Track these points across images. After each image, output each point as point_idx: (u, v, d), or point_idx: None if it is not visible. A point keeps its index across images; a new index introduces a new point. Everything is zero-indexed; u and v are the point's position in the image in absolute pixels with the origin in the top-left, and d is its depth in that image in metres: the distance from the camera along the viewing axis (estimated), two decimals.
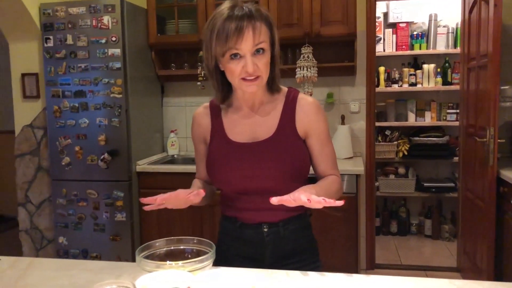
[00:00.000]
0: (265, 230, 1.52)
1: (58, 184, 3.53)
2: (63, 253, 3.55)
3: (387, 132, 4.68)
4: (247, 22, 1.35)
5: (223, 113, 1.59)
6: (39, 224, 3.70)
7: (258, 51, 1.39)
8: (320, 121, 1.54)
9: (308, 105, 1.53)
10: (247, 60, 1.37)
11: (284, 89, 1.57)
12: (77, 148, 3.45)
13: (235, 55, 1.38)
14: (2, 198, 4.98)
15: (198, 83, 3.73)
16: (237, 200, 1.55)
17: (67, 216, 3.52)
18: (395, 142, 4.62)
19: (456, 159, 4.32)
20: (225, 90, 1.53)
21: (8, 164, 4.20)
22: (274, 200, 1.32)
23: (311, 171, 1.58)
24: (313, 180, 1.53)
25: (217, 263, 1.39)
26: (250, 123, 1.54)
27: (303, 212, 1.57)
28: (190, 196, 1.38)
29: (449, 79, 4.57)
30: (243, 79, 1.41)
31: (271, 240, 1.53)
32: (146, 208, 1.41)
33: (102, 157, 3.40)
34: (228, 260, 1.54)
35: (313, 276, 1.38)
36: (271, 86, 1.52)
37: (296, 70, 3.48)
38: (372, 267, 3.86)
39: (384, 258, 4.10)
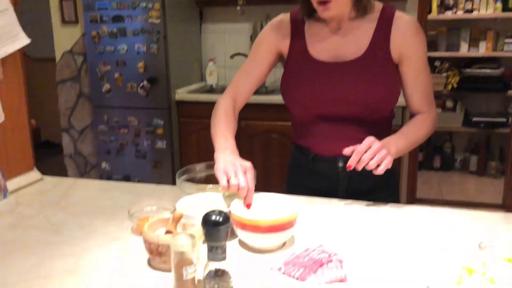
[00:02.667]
0: (340, 165, 1.40)
1: (99, 110, 3.55)
2: (106, 178, 3.65)
3: (437, 63, 4.42)
4: None
5: (306, 27, 1.42)
6: (83, 150, 3.79)
7: None
8: (419, 44, 1.36)
9: (406, 24, 1.35)
10: None
11: (378, 5, 1.38)
12: (116, 75, 3.43)
13: None
14: (48, 125, 5.12)
15: (238, 7, 3.56)
16: (313, 128, 1.43)
17: (109, 143, 3.57)
18: (445, 74, 4.37)
19: (510, 92, 4.06)
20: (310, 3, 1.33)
21: (51, 91, 4.26)
22: (347, 151, 1.25)
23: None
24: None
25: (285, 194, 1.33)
26: (336, 41, 1.38)
27: None
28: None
29: (510, 5, 4.20)
30: (318, 2, 1.28)
31: (346, 175, 1.42)
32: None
33: (141, 84, 3.37)
34: (297, 193, 1.46)
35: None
36: (359, 2, 1.33)
37: None
38: (413, 201, 3.79)
39: (425, 193, 4.02)
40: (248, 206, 1.15)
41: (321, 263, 0.99)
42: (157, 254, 0.98)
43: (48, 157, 4.91)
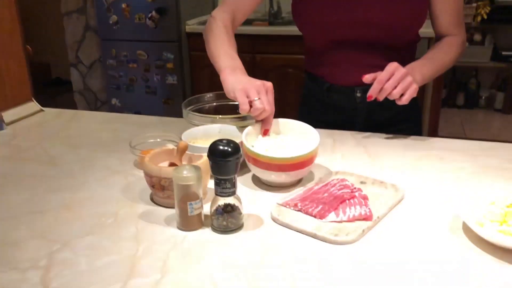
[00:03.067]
0: (358, 95, 1.28)
1: (107, 44, 3.40)
2: None
3: None
4: None
5: None
6: (92, 86, 3.68)
7: None
8: None
9: None
10: None
11: None
12: (123, 6, 3.25)
13: None
14: (58, 61, 4.99)
15: None
16: (328, 55, 1.29)
17: (118, 78, 3.45)
18: (474, 4, 4.06)
19: None
20: None
21: (57, 25, 4.09)
22: (368, 78, 1.11)
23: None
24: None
25: None
26: None
27: None
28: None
29: None
30: None
31: (364, 107, 1.29)
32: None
33: (150, 15, 3.19)
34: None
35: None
36: None
37: None
38: None
39: (448, 131, 3.86)
40: (266, 132, 1.03)
41: (343, 199, 0.88)
42: (159, 188, 0.88)
43: (59, 94, 4.83)
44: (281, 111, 1.21)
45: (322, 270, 0.71)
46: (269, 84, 1.02)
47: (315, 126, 1.23)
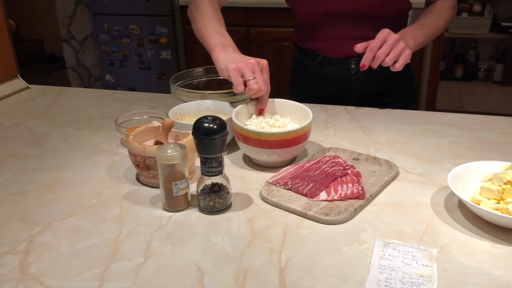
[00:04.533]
0: (353, 66, 1.24)
1: (99, 18, 3.32)
2: None
3: None
4: None
5: None
6: (85, 62, 3.61)
7: None
8: None
9: None
10: None
11: None
12: None
13: None
14: (50, 37, 4.89)
15: None
16: (319, 28, 1.24)
17: (111, 53, 3.38)
18: None
19: None
20: None
21: (48, 0, 3.99)
22: (360, 47, 1.07)
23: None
24: None
25: None
26: None
27: None
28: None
29: None
30: None
31: (359, 78, 1.25)
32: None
33: None
34: (303, 102, 1.30)
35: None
36: None
37: None
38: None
39: (446, 104, 3.81)
40: (261, 111, 0.99)
41: (335, 177, 0.85)
42: (144, 168, 0.85)
43: (53, 70, 4.75)
44: (278, 86, 1.17)
45: (312, 251, 0.69)
46: (264, 62, 0.97)
47: (308, 100, 1.19)
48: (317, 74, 1.30)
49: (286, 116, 1.00)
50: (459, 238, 0.71)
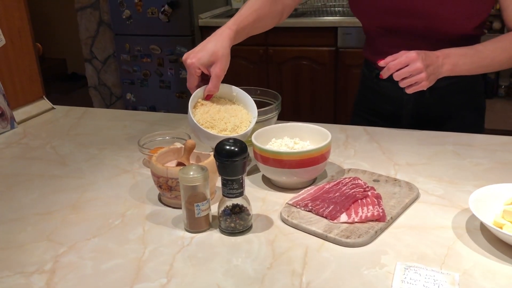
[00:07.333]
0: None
1: (120, 39, 3.40)
2: (132, 110, 3.57)
3: None
4: None
5: None
6: (107, 81, 3.69)
7: None
8: None
9: None
10: None
11: None
12: (136, 0, 3.23)
13: None
14: (73, 56, 5.02)
15: None
16: (378, 40, 1.24)
17: (132, 73, 3.45)
18: None
19: None
20: None
21: (71, 20, 4.10)
22: (382, 63, 1.05)
23: None
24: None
25: (346, 115, 1.16)
26: None
27: None
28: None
29: None
30: None
31: (411, 98, 1.21)
32: None
33: (162, 9, 3.17)
34: (361, 115, 1.32)
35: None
36: None
37: None
38: None
39: None
40: (208, 98, 1.05)
41: (355, 199, 0.86)
42: (166, 189, 0.87)
43: (75, 89, 4.85)
44: (295, 105, 1.18)
45: (333, 274, 0.69)
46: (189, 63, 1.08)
47: (366, 114, 1.20)
48: (374, 89, 1.31)
49: (306, 140, 1.01)
50: (482, 262, 0.71)
